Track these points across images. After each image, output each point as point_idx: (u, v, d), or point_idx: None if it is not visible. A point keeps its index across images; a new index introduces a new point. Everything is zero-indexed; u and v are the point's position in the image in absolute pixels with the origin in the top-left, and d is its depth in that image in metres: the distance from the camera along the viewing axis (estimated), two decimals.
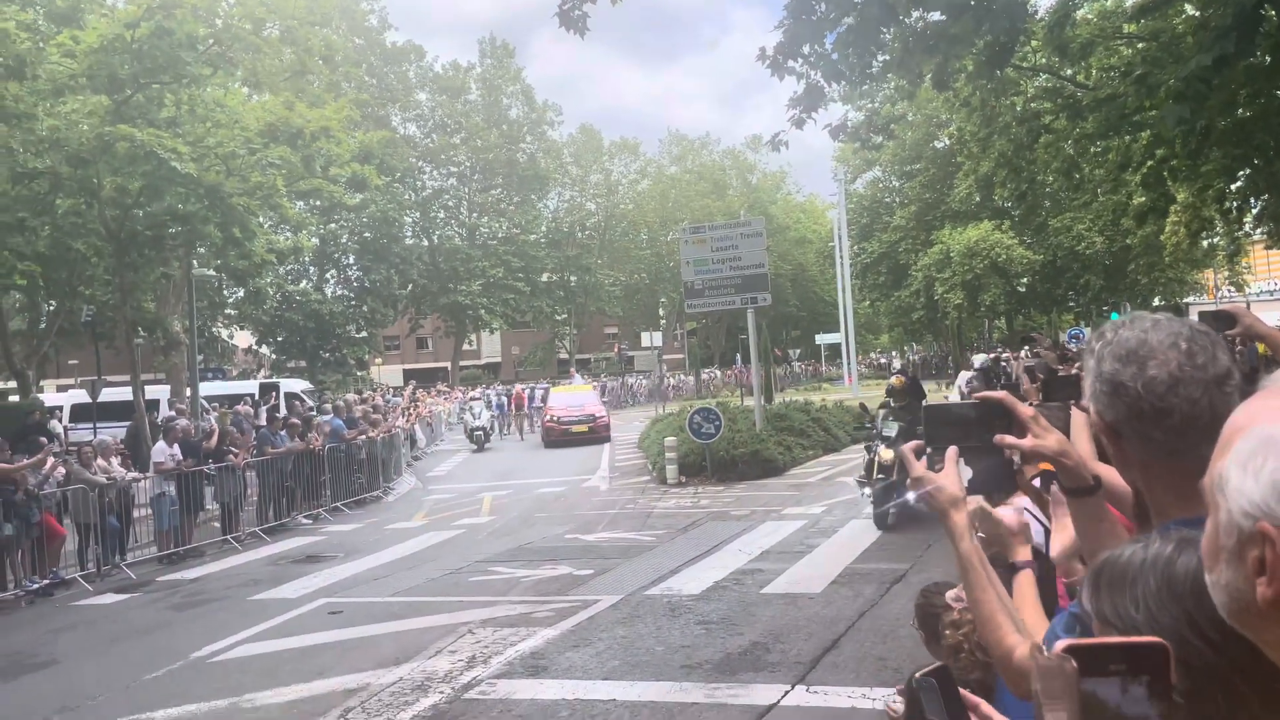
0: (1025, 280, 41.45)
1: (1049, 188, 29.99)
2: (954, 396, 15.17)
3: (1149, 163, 14.84)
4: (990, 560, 1.78)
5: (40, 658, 8.65)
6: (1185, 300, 42.35)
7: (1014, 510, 2.07)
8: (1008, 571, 1.95)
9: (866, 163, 44.97)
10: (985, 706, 1.20)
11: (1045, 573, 2.10)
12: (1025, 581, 1.94)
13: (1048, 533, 2.37)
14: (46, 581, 11.54)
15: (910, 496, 1.78)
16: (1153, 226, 21.90)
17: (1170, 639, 0.86)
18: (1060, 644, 0.72)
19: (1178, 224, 23.54)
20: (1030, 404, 1.94)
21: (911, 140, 41.99)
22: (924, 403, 2.28)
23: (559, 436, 27.35)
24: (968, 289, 39.08)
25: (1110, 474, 1.72)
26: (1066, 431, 2.09)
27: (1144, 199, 17.01)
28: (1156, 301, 40.08)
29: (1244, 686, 0.93)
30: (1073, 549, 1.90)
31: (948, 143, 38.28)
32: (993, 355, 25.41)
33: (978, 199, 37.74)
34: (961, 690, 1.17)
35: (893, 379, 13.65)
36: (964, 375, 16.27)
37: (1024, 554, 1.96)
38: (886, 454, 11.23)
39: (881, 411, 12.87)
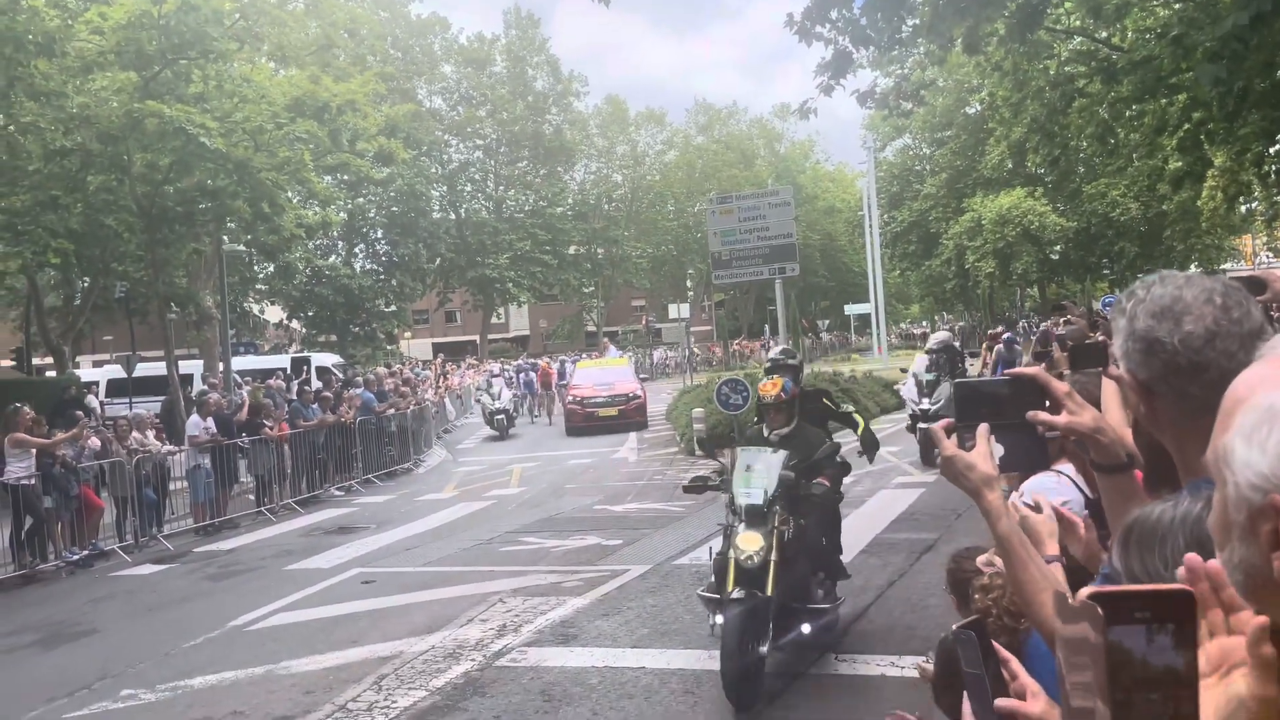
0: (1058, 248, 40.84)
1: (1083, 153, 29.46)
2: (910, 383, 14.67)
3: (1185, 126, 14.53)
4: None
5: (81, 627, 8.84)
6: (1222, 266, 41.61)
7: (1043, 498, 2.03)
8: None
9: (896, 130, 44.37)
10: (1015, 663, 1.19)
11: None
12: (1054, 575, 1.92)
13: (1090, 501, 2.34)
14: (86, 553, 11.78)
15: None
16: (1189, 192, 21.47)
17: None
18: (1084, 591, 0.71)
19: (1215, 189, 23.07)
20: (1061, 374, 1.91)
21: (942, 106, 41.34)
22: (954, 380, 2.25)
23: (581, 422, 23.74)
24: (1000, 257, 38.57)
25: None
26: (1096, 401, 2.05)
27: (1180, 163, 16.67)
28: (1193, 268, 39.40)
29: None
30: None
31: (979, 108, 37.68)
32: (947, 329, 24.03)
33: (1010, 166, 37.12)
34: (995, 644, 1.16)
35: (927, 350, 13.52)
36: (920, 359, 15.35)
37: (1051, 548, 1.93)
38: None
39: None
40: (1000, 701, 0.86)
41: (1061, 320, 13.43)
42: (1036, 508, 1.94)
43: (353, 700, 6.23)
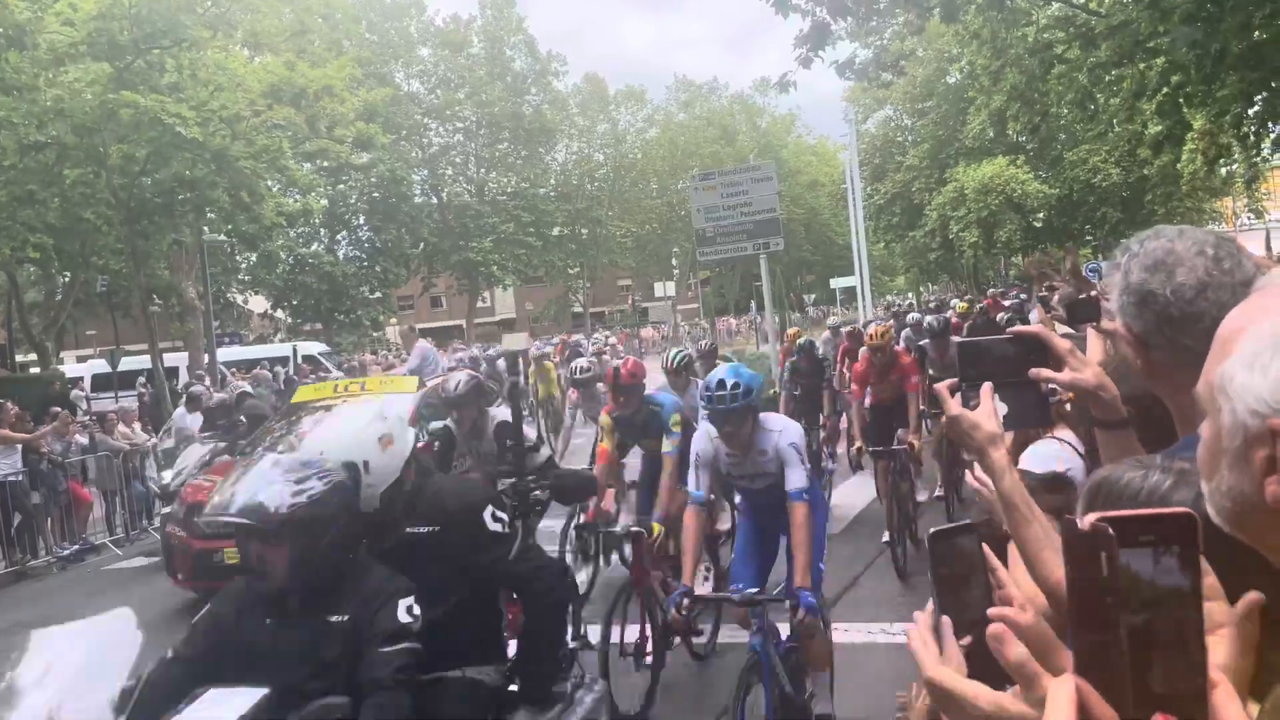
0: (1041, 215, 40.98)
1: (1063, 120, 29.48)
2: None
3: (1164, 90, 14.55)
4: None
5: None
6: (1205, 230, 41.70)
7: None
8: None
9: (877, 102, 44.31)
10: (1003, 572, 1.14)
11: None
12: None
13: (1092, 469, 2.35)
14: (76, 548, 11.76)
15: None
16: (1169, 155, 21.50)
17: None
18: (1091, 516, 0.72)
19: (1195, 152, 23.14)
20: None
21: (922, 77, 41.30)
22: (958, 339, 2.24)
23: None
24: (983, 226, 38.67)
25: None
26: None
27: (1160, 127, 16.69)
28: None
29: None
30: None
31: (959, 78, 37.65)
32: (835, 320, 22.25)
33: (991, 134, 37.15)
34: (986, 549, 1.13)
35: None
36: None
37: None
38: None
39: None
40: (994, 610, 0.87)
41: (1045, 286, 13.46)
42: None
43: None
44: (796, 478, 4.38)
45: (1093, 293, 3.94)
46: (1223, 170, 31.98)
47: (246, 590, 2.94)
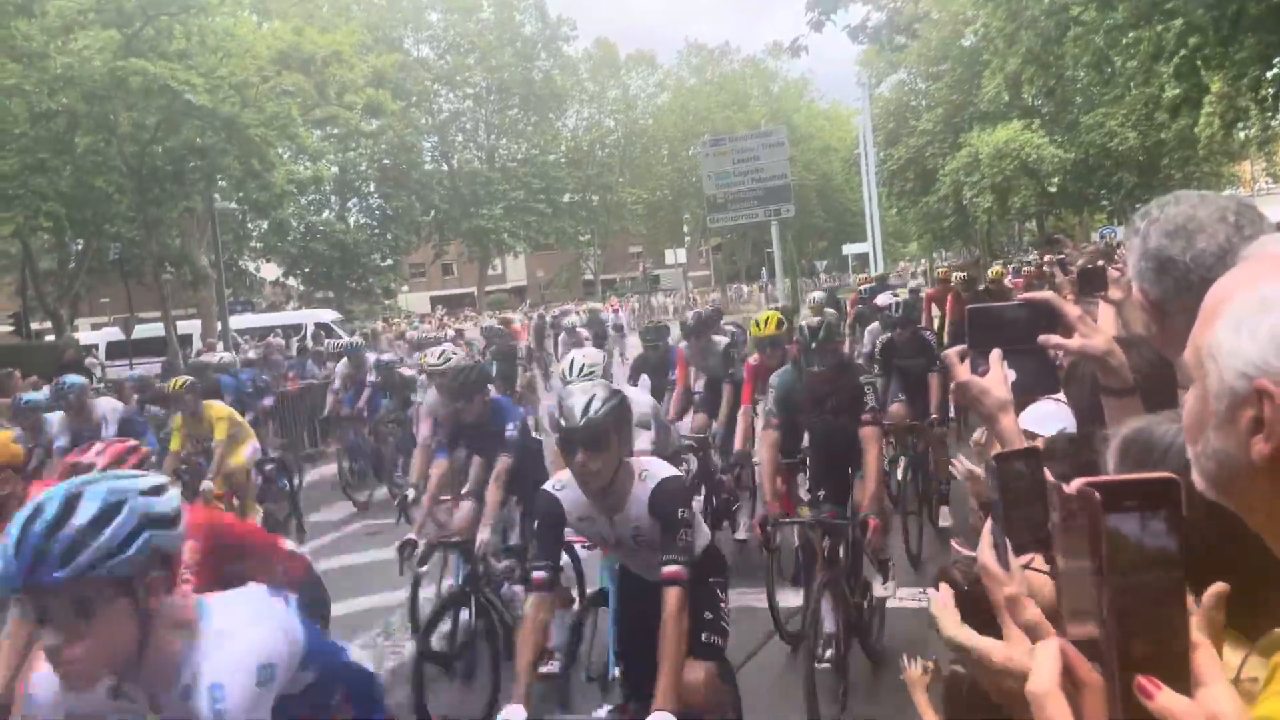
0: (1056, 180, 40.58)
1: (1079, 83, 29.16)
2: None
3: (1181, 52, 14.34)
4: None
5: None
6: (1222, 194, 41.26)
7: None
8: None
9: (891, 65, 43.78)
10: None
11: None
12: None
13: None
14: None
15: None
16: (1187, 119, 21.24)
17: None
18: (1078, 481, 0.74)
19: (1212, 115, 22.82)
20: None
21: (937, 40, 40.72)
22: (969, 306, 2.20)
23: None
24: (997, 191, 38.33)
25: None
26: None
27: (1177, 90, 16.49)
28: None
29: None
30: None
31: (974, 40, 37.16)
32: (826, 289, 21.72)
33: (1006, 98, 36.71)
34: (1049, 474, 1.14)
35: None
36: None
37: None
38: None
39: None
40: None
41: (1056, 255, 13.41)
42: None
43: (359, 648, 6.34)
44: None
45: (1099, 263, 3.93)
46: (1240, 134, 31.57)
47: None
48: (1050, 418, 2.84)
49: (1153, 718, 0.64)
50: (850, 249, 52.98)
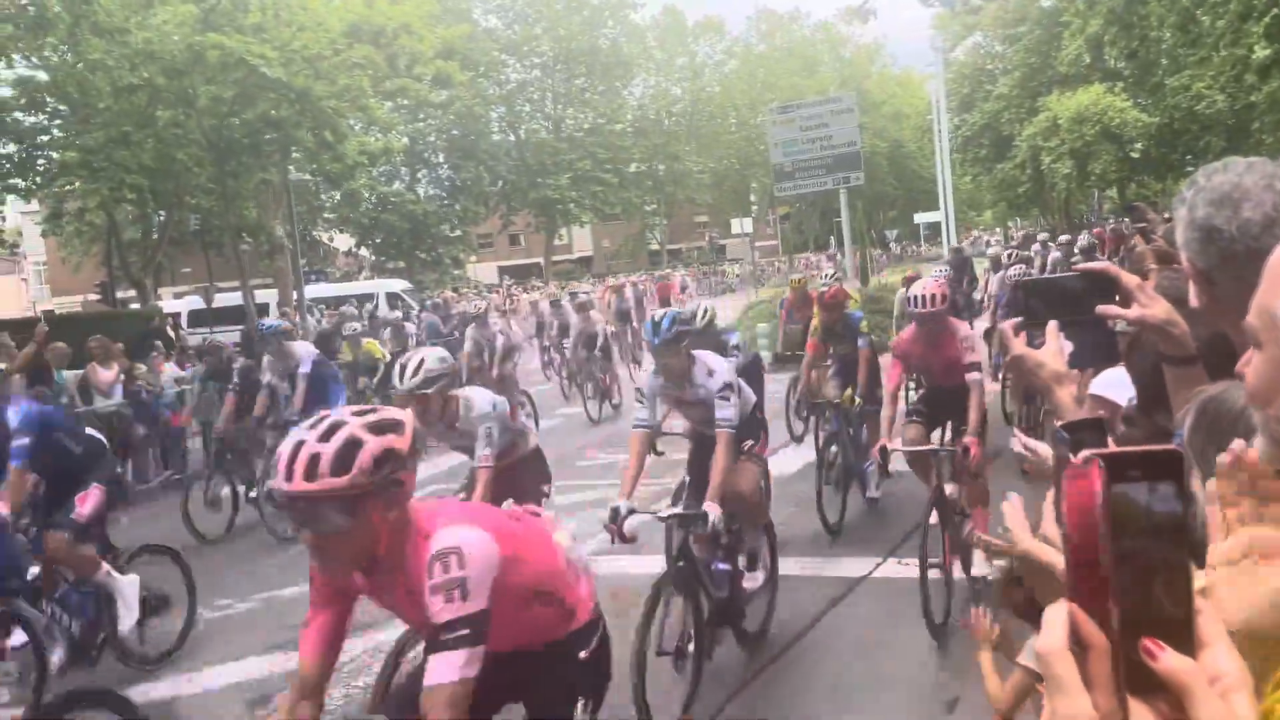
0: (1139, 146, 39.18)
1: (1164, 44, 28.06)
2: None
3: (1273, 11, 13.75)
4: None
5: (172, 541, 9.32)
6: None
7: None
8: None
9: (966, 28, 42.64)
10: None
11: None
12: None
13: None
14: (177, 476, 12.35)
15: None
16: (1278, 81, 20.37)
17: None
18: (1084, 453, 0.74)
19: None
20: (1147, 271, 1.87)
21: (1015, 1, 39.55)
22: (1021, 278, 2.17)
23: None
24: (1077, 158, 37.15)
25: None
26: (1182, 299, 2.01)
27: (1268, 51, 15.83)
28: None
29: None
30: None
31: (1054, 1, 35.95)
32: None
33: (1087, 61, 35.54)
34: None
35: None
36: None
37: None
38: None
39: None
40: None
41: (1136, 224, 12.99)
42: None
43: None
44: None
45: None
46: None
47: None
48: (1122, 384, 2.79)
49: (1156, 677, 0.66)
50: (922, 218, 52.05)
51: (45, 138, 22.47)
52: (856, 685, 4.87)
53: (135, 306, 26.62)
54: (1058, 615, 0.68)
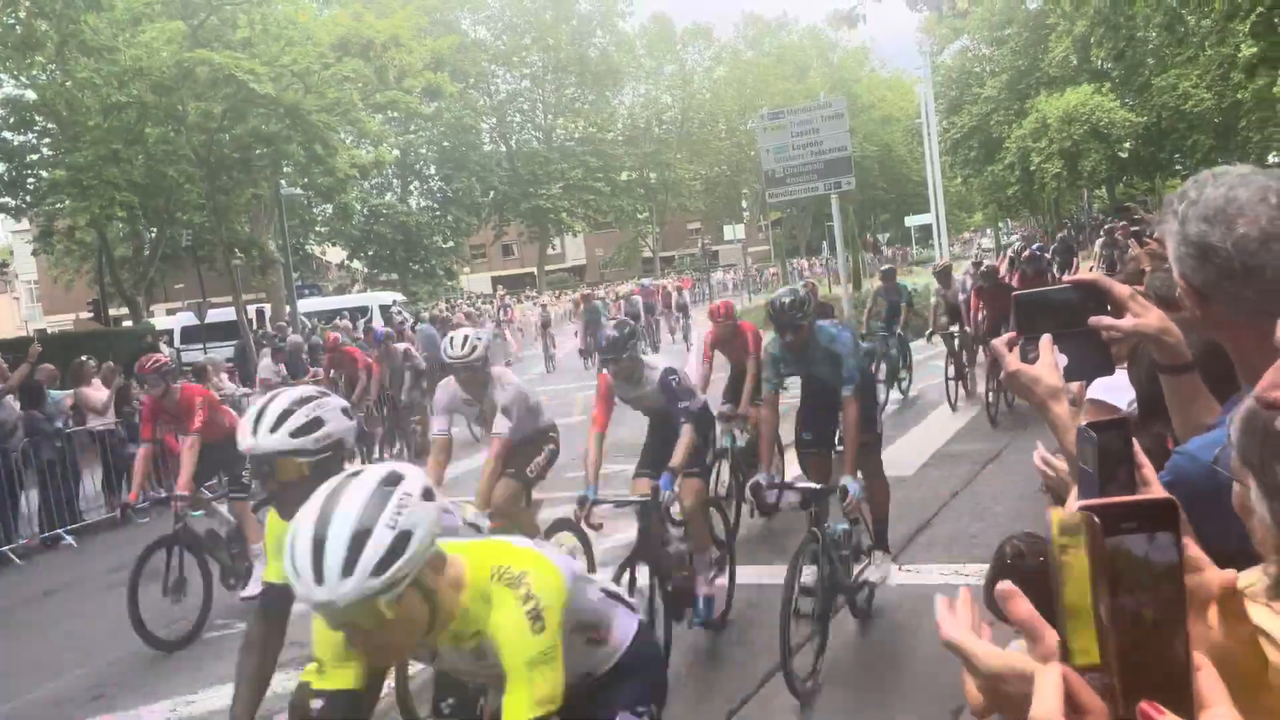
0: (1128, 145, 39.35)
1: (1150, 44, 28.19)
2: None
3: (1258, 9, 13.80)
4: None
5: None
6: None
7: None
8: None
9: (954, 31, 42.81)
10: (1149, 468, 1.09)
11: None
12: None
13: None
14: (166, 495, 12.29)
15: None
16: (1264, 78, 20.46)
17: None
18: (1078, 503, 0.73)
19: None
20: (1143, 272, 1.85)
21: (1001, 4, 39.73)
22: (1014, 292, 2.13)
23: None
24: (1066, 157, 37.32)
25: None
26: (1171, 301, 1.98)
27: (1253, 49, 15.88)
28: (1271, 159, 37.63)
29: None
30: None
31: (1040, 3, 36.11)
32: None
33: (1074, 62, 35.72)
34: (1138, 447, 1.08)
35: None
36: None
37: None
38: None
39: None
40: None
41: (1123, 223, 13.04)
42: None
43: None
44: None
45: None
46: None
47: None
48: (1120, 389, 2.77)
49: None
50: (913, 220, 52.12)
51: (35, 156, 22.44)
52: (866, 692, 4.85)
53: (128, 324, 26.54)
54: (1052, 680, 0.65)
